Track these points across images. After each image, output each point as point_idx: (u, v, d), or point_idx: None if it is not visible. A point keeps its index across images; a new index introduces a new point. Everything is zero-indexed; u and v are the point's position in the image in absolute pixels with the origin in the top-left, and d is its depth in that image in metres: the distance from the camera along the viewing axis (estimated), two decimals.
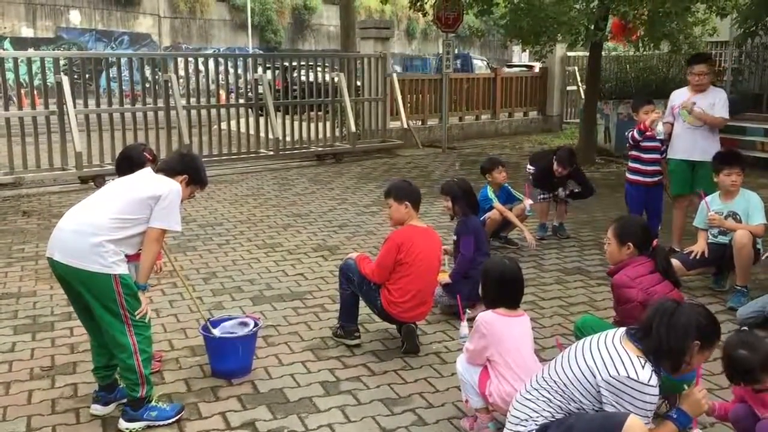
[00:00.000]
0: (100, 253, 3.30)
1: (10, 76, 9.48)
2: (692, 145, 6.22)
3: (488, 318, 3.29)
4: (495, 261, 3.53)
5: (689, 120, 6.21)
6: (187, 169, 3.76)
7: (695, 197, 6.04)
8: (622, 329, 2.78)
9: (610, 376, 2.58)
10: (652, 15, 10.04)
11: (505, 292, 3.36)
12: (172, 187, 3.53)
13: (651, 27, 10.28)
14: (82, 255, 3.30)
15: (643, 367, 2.59)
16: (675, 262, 4.97)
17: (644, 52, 12.68)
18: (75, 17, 26.37)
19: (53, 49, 23.41)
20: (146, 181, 3.55)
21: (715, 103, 6.16)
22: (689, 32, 11.28)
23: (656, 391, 2.61)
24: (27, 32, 25.30)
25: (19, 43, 24.43)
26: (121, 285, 3.36)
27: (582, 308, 5.24)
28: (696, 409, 2.77)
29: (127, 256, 3.43)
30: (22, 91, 10.40)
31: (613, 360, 2.61)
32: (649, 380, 2.58)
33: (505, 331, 3.27)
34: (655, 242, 3.82)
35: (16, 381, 3.98)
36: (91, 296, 3.37)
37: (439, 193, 5.29)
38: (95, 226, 3.33)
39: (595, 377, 2.61)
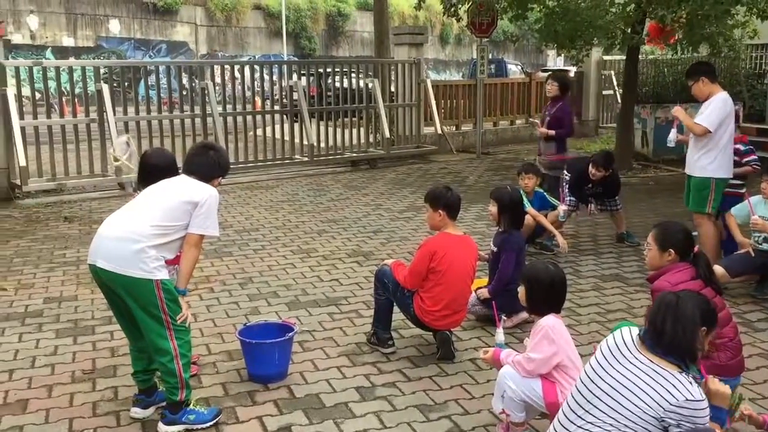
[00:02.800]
0: (142, 259, 3.36)
1: (52, 84, 9.71)
2: (687, 157, 5.99)
3: (552, 323, 3.26)
4: (540, 267, 3.45)
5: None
6: (222, 171, 3.82)
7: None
8: (629, 335, 2.73)
9: (671, 405, 2.54)
10: (690, 18, 9.88)
11: (553, 297, 3.33)
12: (210, 193, 3.58)
13: (690, 30, 10.11)
14: (125, 261, 3.36)
15: (690, 383, 2.57)
16: (717, 268, 4.88)
17: (682, 56, 12.49)
18: (114, 27, 26.90)
19: (93, 58, 23.91)
20: (184, 187, 3.59)
21: (704, 110, 5.68)
22: (729, 35, 11.07)
23: (706, 401, 2.61)
24: (68, 42, 25.87)
25: (61, 52, 25.00)
26: (162, 290, 3.41)
27: (620, 315, 5.17)
28: (724, 399, 2.78)
29: (166, 260, 3.48)
30: (64, 99, 10.63)
31: (666, 388, 2.57)
32: (701, 394, 2.59)
33: (566, 332, 3.29)
34: (696, 248, 3.76)
35: (58, 384, 4.06)
36: (134, 301, 3.42)
37: (489, 197, 5.22)
38: (137, 233, 3.39)
39: (655, 410, 2.56)
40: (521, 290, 3.43)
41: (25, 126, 9.31)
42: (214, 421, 3.59)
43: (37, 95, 9.99)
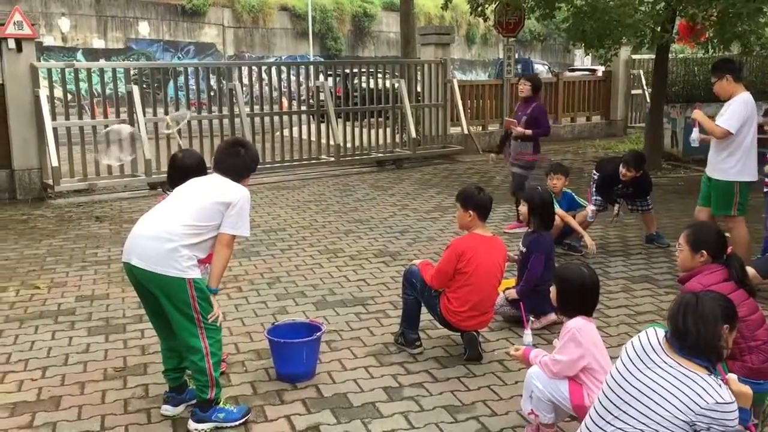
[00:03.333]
0: (175, 258, 3.40)
1: (83, 86, 9.86)
2: (708, 158, 5.91)
3: (580, 325, 3.23)
4: (574, 269, 3.42)
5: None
6: (253, 169, 3.85)
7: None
8: (654, 337, 2.70)
9: (702, 408, 2.51)
10: (722, 16, 9.74)
11: (585, 300, 3.30)
12: (242, 194, 3.61)
13: (721, 28, 9.96)
14: (159, 260, 3.40)
15: (720, 386, 2.54)
16: (750, 270, 4.80)
17: (713, 54, 12.31)
18: (144, 29, 27.21)
19: (123, 60, 24.22)
20: (216, 187, 3.62)
21: (724, 112, 5.59)
22: (761, 33, 10.89)
23: (736, 404, 2.57)
24: (98, 44, 26.22)
25: (91, 54, 25.33)
26: (194, 289, 3.46)
27: (649, 317, 5.12)
28: (747, 400, 2.74)
29: (198, 260, 3.52)
30: (95, 100, 10.79)
31: (696, 391, 2.54)
32: (731, 396, 2.55)
33: (595, 335, 3.26)
34: (729, 249, 3.70)
35: (90, 381, 4.12)
36: (167, 300, 3.47)
37: (521, 197, 5.20)
38: (170, 233, 3.43)
39: (686, 414, 2.53)
40: (553, 290, 3.40)
41: (57, 127, 9.47)
42: (243, 419, 3.62)
43: (69, 96, 10.15)
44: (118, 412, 3.75)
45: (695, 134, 5.99)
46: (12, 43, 9.15)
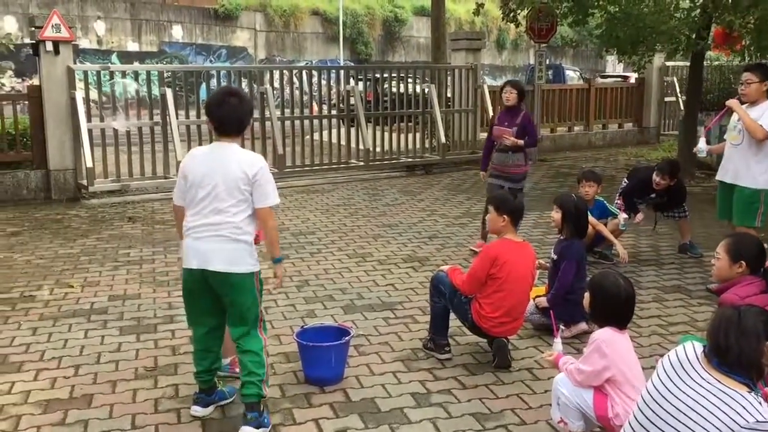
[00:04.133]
0: (249, 252, 3.54)
1: (118, 88, 10.00)
2: (727, 165, 5.75)
3: (607, 336, 3.18)
4: (610, 278, 3.34)
5: (731, 137, 5.70)
6: (251, 115, 3.81)
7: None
8: (692, 352, 2.64)
9: (742, 428, 2.44)
10: (759, 24, 9.58)
11: (619, 311, 3.24)
12: (260, 164, 3.55)
13: (758, 36, 9.81)
14: (238, 259, 3.50)
15: (760, 404, 2.48)
16: None
17: (749, 63, 12.11)
18: (177, 32, 27.55)
19: (156, 63, 24.54)
20: (236, 164, 3.50)
21: (762, 115, 5.44)
22: None
23: None
24: (133, 46, 26.61)
25: (126, 56, 25.72)
26: (258, 281, 3.63)
27: (682, 328, 5.05)
28: None
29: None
30: (128, 102, 10.94)
31: (736, 410, 2.47)
32: None
33: (624, 347, 3.20)
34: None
35: (121, 380, 4.17)
36: (238, 296, 3.54)
37: (553, 203, 5.16)
38: (233, 230, 3.49)
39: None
40: (586, 297, 3.35)
41: (92, 128, 9.62)
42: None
43: (103, 98, 10.30)
44: (149, 412, 3.79)
45: (702, 144, 5.89)
46: (50, 46, 9.32)
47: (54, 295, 5.72)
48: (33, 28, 9.47)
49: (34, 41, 9.49)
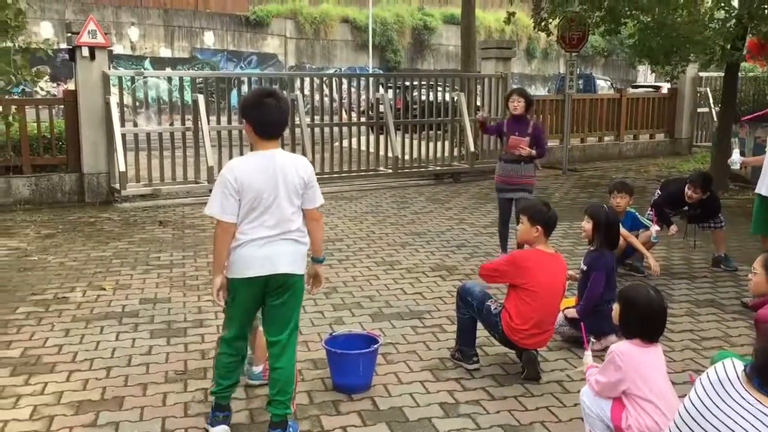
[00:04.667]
0: (306, 254, 3.57)
1: (150, 93, 10.15)
2: (766, 178, 5.67)
3: (624, 349, 3.15)
4: (641, 290, 3.28)
5: None
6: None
7: None
8: (732, 371, 2.56)
9: None
10: None
11: (649, 324, 3.19)
12: (311, 168, 3.60)
13: None
14: (300, 260, 3.54)
15: None
16: None
17: None
18: (209, 39, 27.87)
19: (188, 69, 24.84)
20: (294, 170, 3.47)
21: None
22: None
23: None
24: (165, 53, 26.96)
25: (158, 62, 26.07)
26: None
27: (715, 343, 4.96)
28: None
29: None
30: (161, 107, 11.08)
31: None
32: None
33: (643, 362, 3.13)
34: None
35: (152, 383, 4.21)
36: (291, 299, 3.53)
37: (584, 213, 5.11)
38: (299, 229, 3.52)
39: None
40: (616, 308, 3.30)
41: (125, 133, 9.75)
42: None
43: (136, 103, 10.46)
44: (179, 415, 3.82)
45: (735, 156, 5.81)
46: (86, 51, 9.48)
47: (86, 298, 5.80)
48: (70, 34, 9.65)
49: (70, 47, 9.67)
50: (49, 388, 4.12)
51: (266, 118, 3.43)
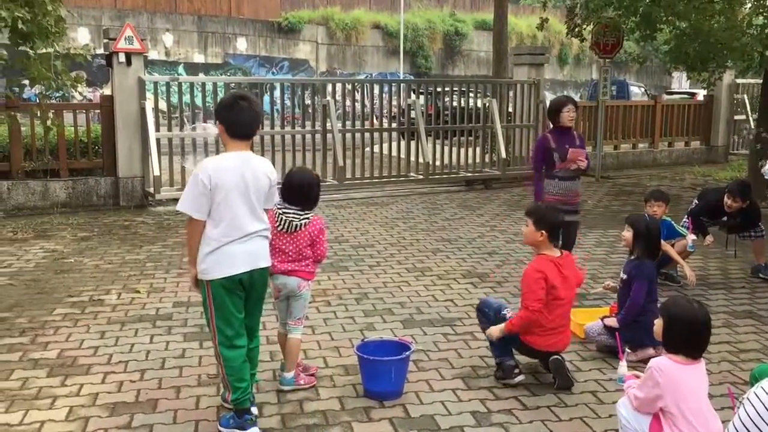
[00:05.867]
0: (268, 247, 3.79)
1: (185, 98, 10.25)
2: None
3: (664, 365, 3.07)
4: (684, 304, 3.20)
5: None
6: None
7: None
8: None
9: None
10: None
11: (693, 340, 3.11)
12: (273, 169, 3.81)
13: None
14: (268, 254, 3.76)
15: None
16: None
17: None
18: (241, 44, 28.15)
19: (221, 74, 25.11)
20: (262, 173, 3.69)
21: None
22: None
23: None
24: (198, 58, 27.30)
25: (192, 68, 26.40)
26: None
27: (754, 356, 4.86)
28: None
29: None
30: (194, 113, 11.20)
31: None
32: None
33: (683, 380, 3.04)
34: None
35: (185, 386, 4.25)
36: (264, 291, 3.79)
37: (625, 221, 5.07)
38: (267, 228, 3.75)
39: None
40: (658, 323, 3.22)
41: (160, 137, 9.88)
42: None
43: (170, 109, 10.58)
44: (212, 419, 3.84)
45: None
46: (122, 57, 9.64)
47: (121, 300, 5.88)
48: (107, 40, 9.81)
49: (107, 52, 9.83)
50: (85, 390, 4.18)
51: (237, 119, 3.60)
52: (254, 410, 3.73)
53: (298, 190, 4.10)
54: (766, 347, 5.04)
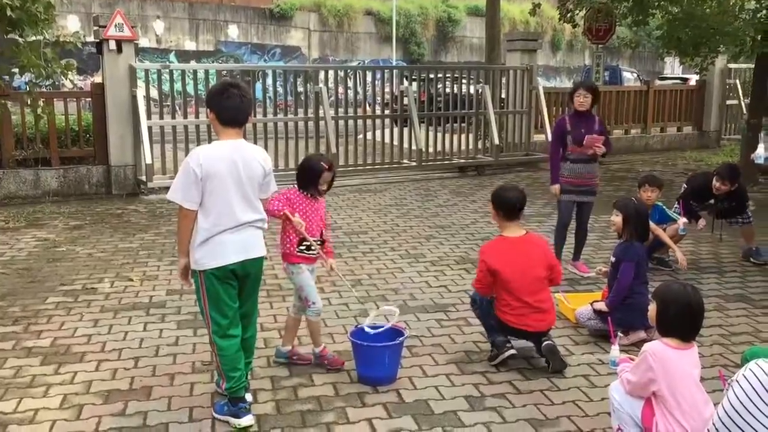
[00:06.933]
0: (262, 238, 3.75)
1: (176, 86, 10.20)
2: None
3: (658, 349, 3.08)
4: (678, 289, 3.21)
5: None
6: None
7: None
8: None
9: None
10: None
11: (687, 323, 3.12)
12: (268, 157, 3.78)
13: None
14: (260, 245, 3.71)
15: None
16: None
17: None
18: (233, 31, 28.00)
19: (213, 62, 24.99)
20: (256, 162, 3.65)
21: None
22: None
23: None
24: (190, 45, 27.16)
25: (183, 55, 26.26)
26: None
27: (745, 339, 4.89)
28: None
29: None
30: (186, 100, 11.15)
31: None
32: None
33: (676, 364, 3.05)
34: None
35: (179, 373, 4.25)
36: (258, 281, 3.75)
37: (613, 207, 5.08)
38: (262, 218, 3.71)
39: None
40: (652, 308, 3.23)
41: (152, 125, 9.83)
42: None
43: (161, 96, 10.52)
44: (206, 405, 3.85)
45: (761, 150, 5.68)
46: (113, 45, 9.57)
47: (114, 288, 5.87)
48: (97, 27, 9.73)
49: (98, 40, 9.76)
50: (79, 378, 4.18)
51: (228, 106, 3.57)
52: (248, 397, 3.74)
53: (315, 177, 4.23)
54: (757, 330, 5.07)
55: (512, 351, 4.34)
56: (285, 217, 4.12)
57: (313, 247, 4.18)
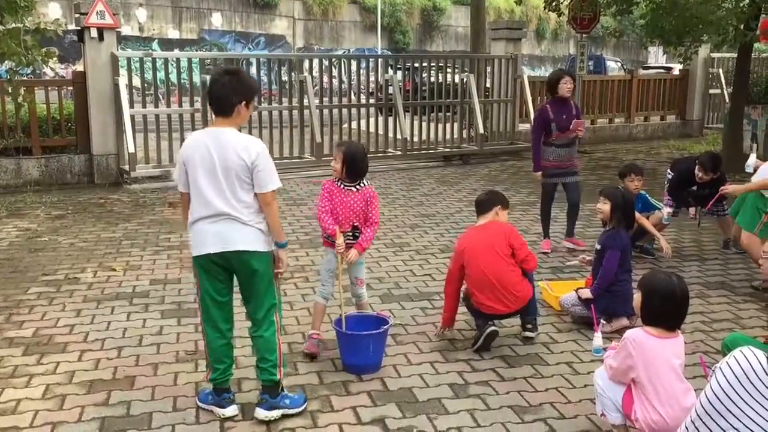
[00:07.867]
0: (263, 230, 3.54)
1: (159, 75, 10.13)
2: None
3: (638, 337, 3.10)
4: (662, 278, 3.20)
5: None
6: (246, 93, 3.55)
7: None
8: (757, 362, 2.50)
9: None
10: None
11: (671, 312, 3.12)
12: (257, 149, 3.45)
13: None
14: (253, 240, 3.50)
15: None
16: None
17: None
18: (217, 20, 27.80)
19: (196, 50, 24.82)
20: (233, 151, 3.42)
21: None
22: None
23: None
24: (173, 34, 26.95)
25: (166, 44, 26.05)
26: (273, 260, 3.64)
27: (726, 325, 4.94)
28: None
29: None
30: (168, 89, 11.07)
31: None
32: None
33: (655, 353, 3.06)
34: None
35: (163, 363, 4.24)
36: (257, 276, 3.53)
37: (599, 194, 5.10)
38: (249, 205, 3.50)
39: None
40: (637, 297, 3.23)
41: (134, 114, 9.75)
42: (305, 406, 3.65)
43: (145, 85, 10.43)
44: (190, 394, 3.84)
45: (752, 159, 5.83)
46: (94, 33, 9.46)
47: (97, 278, 5.83)
48: (78, 15, 9.62)
49: (79, 28, 9.65)
50: (61, 368, 4.15)
51: (211, 94, 3.54)
52: (263, 413, 3.59)
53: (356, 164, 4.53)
54: (737, 317, 5.13)
55: (492, 328, 4.37)
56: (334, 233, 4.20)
57: (338, 242, 4.19)
